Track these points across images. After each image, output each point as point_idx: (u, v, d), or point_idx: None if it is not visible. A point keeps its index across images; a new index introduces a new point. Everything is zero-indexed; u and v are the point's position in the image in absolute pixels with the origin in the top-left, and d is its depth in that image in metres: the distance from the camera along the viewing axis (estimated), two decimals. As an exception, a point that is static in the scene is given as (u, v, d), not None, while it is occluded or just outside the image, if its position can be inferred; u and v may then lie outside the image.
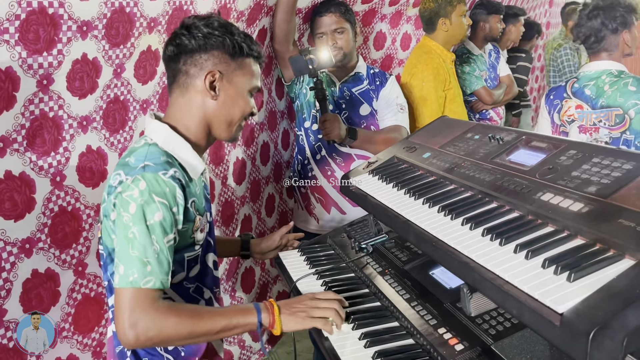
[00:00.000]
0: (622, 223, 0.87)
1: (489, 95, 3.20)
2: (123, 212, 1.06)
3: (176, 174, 1.12)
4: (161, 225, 1.08)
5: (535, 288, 0.82)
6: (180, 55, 1.20)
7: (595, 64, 2.06)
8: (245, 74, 1.25)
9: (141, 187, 1.07)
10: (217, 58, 1.21)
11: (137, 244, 1.05)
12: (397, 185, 1.40)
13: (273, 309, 1.17)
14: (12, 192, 1.20)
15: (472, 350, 1.02)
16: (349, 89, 2.19)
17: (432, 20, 2.59)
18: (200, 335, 1.11)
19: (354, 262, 1.54)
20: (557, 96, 2.14)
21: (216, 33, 1.20)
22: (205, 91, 1.21)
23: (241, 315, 1.14)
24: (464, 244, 1.02)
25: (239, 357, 2.33)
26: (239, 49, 1.23)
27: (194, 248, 1.21)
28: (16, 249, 1.23)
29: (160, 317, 1.04)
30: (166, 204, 1.09)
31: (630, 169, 0.98)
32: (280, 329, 1.16)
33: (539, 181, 1.09)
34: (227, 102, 1.23)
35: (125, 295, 1.04)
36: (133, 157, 1.13)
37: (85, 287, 1.43)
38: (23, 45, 1.16)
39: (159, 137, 1.19)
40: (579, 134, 2.04)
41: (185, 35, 1.20)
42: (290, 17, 2.06)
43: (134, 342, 1.04)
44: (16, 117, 1.18)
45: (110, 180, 1.13)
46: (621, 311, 0.71)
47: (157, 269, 1.06)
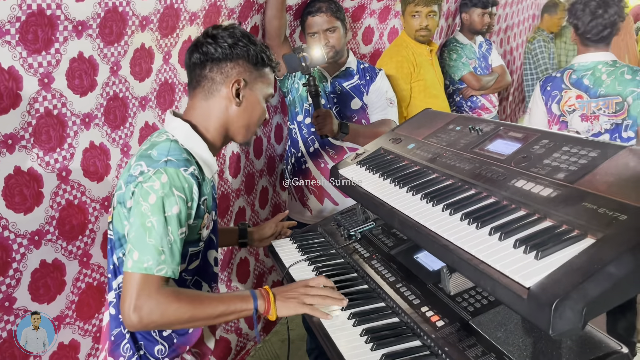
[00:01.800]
0: (586, 206, 0.94)
1: (476, 80, 3.30)
2: (142, 201, 1.12)
3: (195, 172, 1.20)
4: (177, 217, 1.14)
5: (506, 266, 0.90)
6: (207, 62, 1.28)
7: (591, 55, 2.12)
8: (264, 81, 1.35)
9: (163, 180, 1.13)
10: (241, 67, 1.29)
11: (154, 233, 1.11)
12: (383, 175, 1.47)
13: (268, 296, 1.24)
14: (21, 186, 1.26)
15: (452, 326, 1.11)
16: (340, 84, 2.26)
17: (400, 15, 2.73)
18: (199, 320, 1.17)
19: (343, 249, 1.62)
20: (554, 87, 2.18)
21: (240, 43, 1.28)
22: (229, 97, 1.29)
23: (239, 302, 1.21)
24: (443, 228, 1.09)
25: (236, 344, 2.40)
26: (261, 59, 1.31)
27: (198, 244, 1.28)
28: (26, 240, 1.29)
29: (164, 301, 1.11)
30: (184, 198, 1.16)
31: (595, 157, 1.06)
32: (275, 315, 1.23)
33: (514, 169, 1.17)
34: (248, 108, 1.32)
35: (134, 280, 1.10)
36: (155, 151, 1.19)
37: (89, 276, 1.50)
38: (23, 45, 1.21)
39: (180, 134, 1.26)
40: (581, 123, 2.11)
41: (212, 44, 1.27)
42: (280, 14, 2.12)
43: (137, 323, 1.10)
44: (22, 115, 1.24)
45: (130, 169, 1.19)
46: (580, 284, 0.78)
47: (170, 259, 1.12)
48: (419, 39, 2.68)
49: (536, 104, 2.27)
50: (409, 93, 2.63)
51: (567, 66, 2.21)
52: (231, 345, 2.37)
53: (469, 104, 3.41)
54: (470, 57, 3.38)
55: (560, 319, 0.78)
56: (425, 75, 2.66)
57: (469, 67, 3.33)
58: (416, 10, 2.61)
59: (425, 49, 2.71)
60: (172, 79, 1.76)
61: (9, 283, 1.26)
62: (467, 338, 1.06)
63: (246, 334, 2.48)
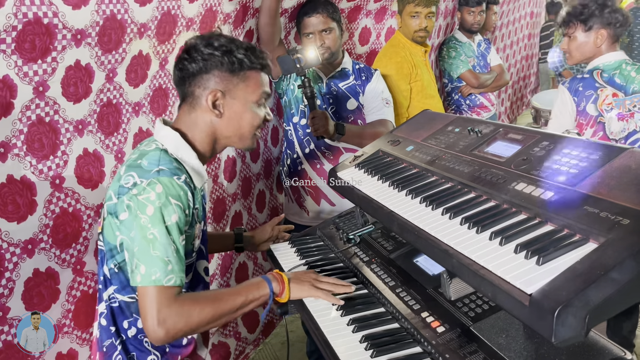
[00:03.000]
0: (587, 210, 0.93)
1: (474, 78, 3.31)
2: (140, 214, 1.11)
3: (187, 180, 1.19)
4: (177, 225, 1.14)
5: (507, 272, 0.89)
6: (185, 79, 1.28)
7: (613, 55, 2.14)
8: (249, 86, 1.30)
9: (158, 190, 1.12)
10: (217, 77, 1.26)
11: (158, 244, 1.10)
12: (382, 178, 1.46)
13: (282, 278, 1.29)
14: (14, 195, 1.24)
15: (453, 332, 1.09)
16: (336, 85, 2.25)
17: (397, 15, 2.71)
18: (222, 316, 1.19)
19: (342, 253, 1.60)
20: (587, 87, 2.14)
21: (216, 53, 1.25)
22: (209, 110, 1.27)
23: (255, 289, 1.25)
24: (443, 232, 1.08)
25: (235, 348, 2.39)
26: (239, 64, 1.27)
27: (191, 255, 1.27)
28: (19, 249, 1.27)
29: (185, 309, 1.11)
30: (181, 206, 1.15)
31: (596, 159, 1.04)
32: (288, 296, 1.28)
33: (514, 171, 1.16)
34: (233, 118, 1.29)
35: (149, 294, 1.09)
36: (146, 160, 1.18)
37: (84, 284, 1.48)
38: (19, 54, 1.20)
39: (170, 144, 1.24)
40: (617, 123, 2.10)
41: (187, 59, 1.26)
42: (273, 21, 2.10)
43: (164, 337, 1.10)
44: (14, 122, 1.22)
45: (121, 180, 1.17)
46: (582, 291, 0.77)
47: (177, 267, 1.12)
48: (417, 39, 2.66)
49: (565, 108, 2.19)
50: (409, 94, 2.61)
51: (592, 67, 2.18)
52: (230, 349, 2.35)
53: (468, 102, 3.41)
54: (469, 55, 3.38)
55: (563, 327, 0.77)
56: (422, 76, 2.65)
57: (468, 64, 3.33)
58: (416, 11, 2.59)
59: (420, 49, 2.70)
60: (167, 84, 1.75)
61: (1, 293, 1.24)
62: (468, 344, 1.05)
63: (245, 338, 2.47)
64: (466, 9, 3.34)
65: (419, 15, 2.60)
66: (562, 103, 2.20)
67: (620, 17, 2.12)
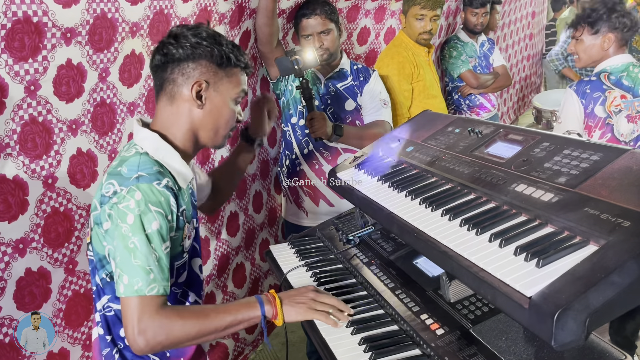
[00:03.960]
0: (588, 211, 0.92)
1: (474, 78, 3.31)
2: (121, 223, 1.08)
3: (169, 184, 1.15)
4: (159, 233, 1.10)
5: (507, 274, 0.87)
6: (168, 64, 1.22)
7: (620, 57, 2.13)
8: (232, 82, 1.27)
9: (137, 198, 1.09)
10: (204, 67, 1.22)
11: (138, 254, 1.07)
12: (382, 179, 1.44)
13: (275, 301, 1.21)
14: (5, 195, 1.23)
15: (452, 334, 1.08)
16: (334, 85, 2.23)
17: (401, 15, 2.70)
18: (208, 334, 1.13)
19: (341, 254, 1.59)
20: (595, 89, 2.12)
21: (204, 43, 1.21)
22: (192, 100, 1.22)
23: (245, 310, 1.17)
24: (443, 234, 1.07)
25: (233, 349, 2.38)
26: (227, 59, 1.24)
27: (182, 256, 1.24)
28: (10, 249, 1.26)
29: (167, 321, 1.07)
30: (162, 212, 1.11)
31: (597, 160, 1.03)
32: (282, 320, 1.20)
33: (514, 173, 1.14)
34: (213, 110, 1.25)
35: (131, 304, 1.06)
36: (125, 167, 1.14)
37: (75, 284, 1.48)
38: (9, 53, 1.18)
39: (149, 146, 1.20)
40: (627, 125, 2.09)
41: (173, 44, 1.21)
42: (271, 21, 2.08)
43: (144, 347, 1.07)
44: (6, 122, 1.21)
45: (102, 189, 1.14)
46: (583, 294, 0.76)
47: (159, 276, 1.09)
48: (420, 41, 2.65)
49: (572, 109, 2.16)
50: (411, 94, 2.60)
51: (600, 69, 2.16)
52: (228, 350, 2.34)
53: (467, 102, 3.40)
54: (471, 55, 3.37)
55: (563, 330, 0.76)
56: (424, 76, 2.64)
57: (468, 64, 3.32)
58: (421, 13, 2.58)
59: (423, 49, 2.70)
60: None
61: (-7, 292, 1.23)
62: (468, 347, 1.04)
63: (243, 339, 2.45)
64: (470, 9, 3.33)
65: (424, 17, 2.59)
66: (569, 105, 2.18)
67: (629, 22, 2.11)
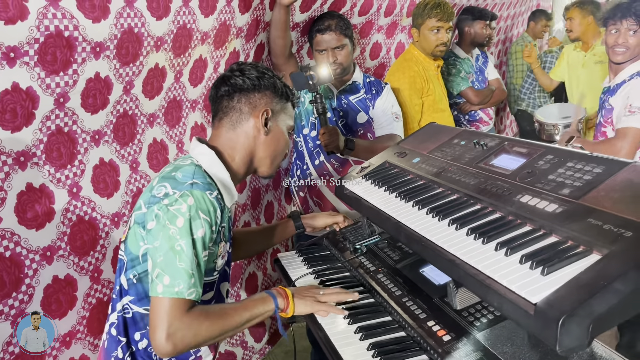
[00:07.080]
0: (591, 222, 0.95)
1: (475, 95, 3.32)
2: (169, 224, 1.12)
3: (218, 197, 1.21)
4: (202, 240, 1.15)
5: (513, 282, 0.90)
6: (235, 93, 1.32)
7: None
8: (287, 114, 1.40)
9: (189, 203, 1.13)
10: (269, 98, 1.34)
11: (184, 257, 1.11)
12: (389, 189, 1.48)
13: (286, 293, 1.30)
14: (33, 203, 1.28)
15: (459, 341, 1.11)
16: (347, 98, 2.28)
17: (413, 29, 2.72)
18: (229, 331, 1.20)
19: (349, 262, 1.62)
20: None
21: (267, 75, 1.33)
22: (258, 127, 1.32)
23: (260, 305, 1.26)
24: (450, 243, 1.10)
25: (242, 357, 2.41)
26: (285, 93, 1.37)
27: (212, 274, 1.28)
28: (38, 256, 1.30)
29: (195, 323, 1.11)
30: (209, 221, 1.16)
31: (600, 172, 1.07)
32: (292, 311, 1.29)
33: (519, 184, 1.18)
34: (274, 138, 1.36)
35: (165, 305, 1.09)
36: (180, 173, 1.20)
37: (100, 292, 1.51)
38: (41, 67, 1.24)
39: (205, 161, 1.27)
40: None
41: (239, 76, 1.32)
42: (284, 34, 2.14)
43: (171, 351, 1.09)
44: (34, 132, 1.26)
45: (153, 190, 1.18)
46: (586, 301, 0.79)
47: (198, 282, 1.13)
48: (437, 53, 2.69)
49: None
50: (421, 108, 2.64)
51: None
52: (237, 358, 2.37)
53: (467, 117, 3.42)
54: (468, 71, 3.39)
55: (567, 336, 0.79)
56: (434, 90, 2.68)
57: (468, 82, 3.33)
58: (438, 25, 2.62)
59: (433, 64, 2.73)
60: (181, 96, 1.79)
61: (22, 299, 1.27)
62: (474, 353, 1.07)
63: (252, 347, 2.48)
64: (481, 22, 3.34)
65: (441, 29, 2.63)
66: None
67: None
